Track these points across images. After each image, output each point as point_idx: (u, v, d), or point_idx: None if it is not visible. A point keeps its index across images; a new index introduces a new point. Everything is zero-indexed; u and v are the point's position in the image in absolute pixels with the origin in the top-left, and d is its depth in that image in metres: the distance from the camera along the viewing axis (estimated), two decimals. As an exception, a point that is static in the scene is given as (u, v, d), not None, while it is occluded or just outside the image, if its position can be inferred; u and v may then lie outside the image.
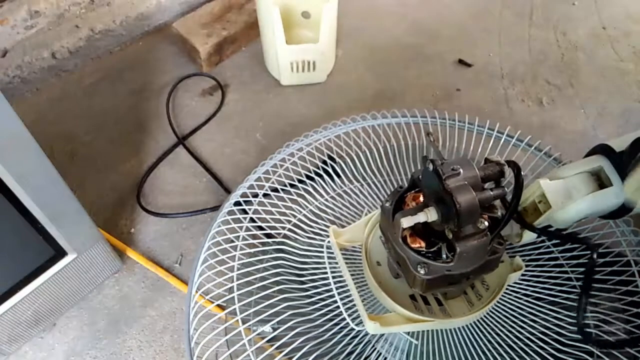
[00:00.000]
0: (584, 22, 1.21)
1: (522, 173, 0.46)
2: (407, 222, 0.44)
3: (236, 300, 0.58)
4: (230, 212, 0.70)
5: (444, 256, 0.46)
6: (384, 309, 0.55)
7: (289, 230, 0.67)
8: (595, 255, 0.45)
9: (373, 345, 0.58)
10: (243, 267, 0.63)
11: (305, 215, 0.69)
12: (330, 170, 0.73)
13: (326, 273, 0.59)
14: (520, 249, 0.62)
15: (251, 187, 0.73)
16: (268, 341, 0.56)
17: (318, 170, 0.74)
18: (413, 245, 0.47)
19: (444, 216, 0.44)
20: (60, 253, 0.66)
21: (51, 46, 1.04)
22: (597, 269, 0.60)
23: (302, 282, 0.64)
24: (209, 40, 1.06)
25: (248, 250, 0.64)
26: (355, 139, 0.78)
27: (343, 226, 0.64)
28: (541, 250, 0.63)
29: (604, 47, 1.15)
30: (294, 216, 0.69)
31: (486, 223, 0.44)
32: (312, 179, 0.73)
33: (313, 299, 0.58)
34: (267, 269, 0.62)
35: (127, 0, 1.12)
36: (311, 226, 0.67)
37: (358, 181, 0.73)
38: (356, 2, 1.24)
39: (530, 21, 1.22)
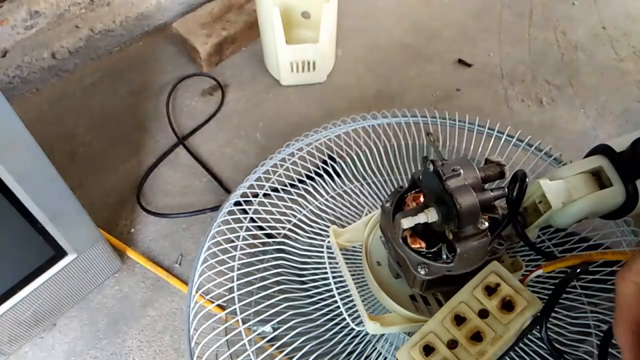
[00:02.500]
0: (584, 22, 1.21)
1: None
2: (407, 222, 0.44)
3: (236, 300, 0.58)
4: (231, 212, 0.70)
5: (445, 257, 0.46)
6: (384, 309, 0.55)
7: (289, 230, 0.67)
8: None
9: (373, 345, 0.58)
10: (243, 267, 0.63)
11: (305, 215, 0.69)
12: (330, 170, 0.73)
13: (326, 273, 0.59)
14: (520, 249, 0.62)
15: (251, 187, 0.73)
16: (268, 341, 0.56)
17: (318, 170, 0.74)
18: (413, 246, 0.47)
19: (445, 217, 0.44)
20: (60, 253, 0.66)
21: (51, 46, 1.04)
22: (597, 268, 0.60)
23: (303, 282, 0.64)
24: (209, 41, 1.06)
25: (248, 250, 0.64)
26: (355, 139, 0.78)
27: (343, 226, 0.63)
28: (541, 251, 0.63)
29: (604, 47, 1.15)
30: (294, 216, 0.69)
31: (486, 224, 0.44)
32: (312, 178, 0.73)
33: (314, 299, 0.58)
34: (267, 269, 0.62)
35: (127, 0, 1.12)
36: (311, 226, 0.67)
37: (358, 181, 0.73)
38: (356, 2, 1.24)
39: (530, 21, 1.22)
